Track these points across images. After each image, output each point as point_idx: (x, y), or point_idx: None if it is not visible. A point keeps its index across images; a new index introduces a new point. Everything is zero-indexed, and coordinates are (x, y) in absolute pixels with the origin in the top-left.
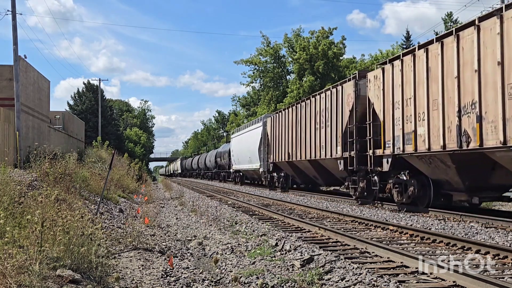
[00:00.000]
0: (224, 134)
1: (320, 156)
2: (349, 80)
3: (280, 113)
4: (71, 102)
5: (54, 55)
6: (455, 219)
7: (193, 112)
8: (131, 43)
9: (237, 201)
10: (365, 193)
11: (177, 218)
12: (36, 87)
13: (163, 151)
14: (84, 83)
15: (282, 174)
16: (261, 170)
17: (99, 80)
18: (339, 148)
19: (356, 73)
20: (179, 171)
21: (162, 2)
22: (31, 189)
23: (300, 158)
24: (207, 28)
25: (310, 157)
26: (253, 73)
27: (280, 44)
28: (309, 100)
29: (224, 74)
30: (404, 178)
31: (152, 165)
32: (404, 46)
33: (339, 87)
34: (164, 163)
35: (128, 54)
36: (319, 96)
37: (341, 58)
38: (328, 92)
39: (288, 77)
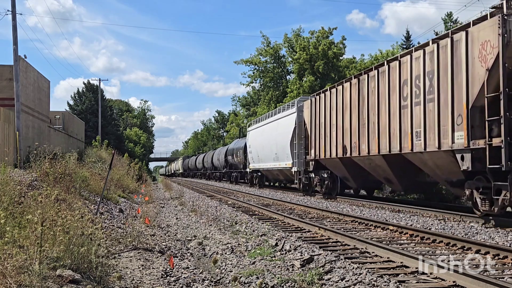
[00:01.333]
0: (224, 134)
1: (411, 148)
2: (483, 20)
3: (327, 93)
4: (71, 102)
5: (54, 55)
6: (455, 219)
7: (193, 112)
8: (131, 43)
9: (237, 201)
10: None
11: (177, 218)
12: (36, 87)
13: (163, 151)
14: (84, 83)
15: (326, 175)
16: (293, 169)
17: (99, 80)
18: (460, 134)
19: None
20: (181, 171)
21: (161, 1)
22: (31, 189)
23: (368, 152)
24: (206, 27)
25: (389, 150)
26: (253, 73)
27: (280, 44)
28: (384, 67)
29: (223, 74)
30: None
31: (152, 165)
32: (404, 46)
33: (459, 34)
34: (164, 163)
35: (128, 54)
36: (408, 57)
37: (341, 58)
38: (431, 48)
39: (288, 77)
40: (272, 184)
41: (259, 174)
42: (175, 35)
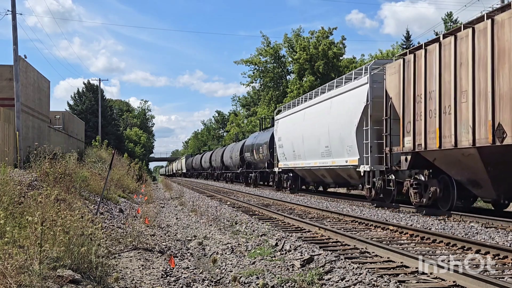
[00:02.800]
0: (224, 134)
1: None
2: None
3: (442, 44)
4: (71, 102)
5: (54, 55)
6: (455, 219)
7: (193, 112)
8: (130, 43)
9: (237, 201)
10: None
11: (177, 218)
12: (36, 87)
13: (163, 151)
14: (84, 83)
15: (432, 177)
16: (362, 168)
17: (99, 80)
18: None
19: None
20: (184, 170)
21: (160, 1)
22: (31, 189)
23: None
24: (205, 27)
25: None
26: (253, 73)
27: (280, 44)
28: None
29: (223, 74)
30: None
31: (152, 165)
32: (404, 46)
33: None
34: (164, 163)
35: (127, 54)
36: None
37: (341, 58)
38: None
39: (288, 77)
40: (311, 188)
41: (292, 175)
42: (174, 35)
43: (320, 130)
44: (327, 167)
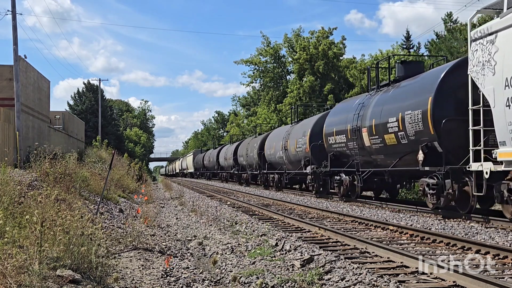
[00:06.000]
0: (224, 134)
1: None
2: None
3: None
4: (71, 102)
5: (53, 55)
6: (455, 219)
7: (193, 112)
8: (129, 43)
9: (237, 201)
10: None
11: (177, 218)
12: (36, 87)
13: (163, 151)
14: (84, 83)
15: None
16: None
17: (99, 80)
18: None
19: None
20: (191, 170)
21: (159, 1)
22: (31, 189)
23: None
24: (204, 27)
25: None
26: (253, 73)
27: (280, 44)
28: None
29: (222, 74)
30: None
31: (152, 165)
32: (404, 46)
33: None
34: (164, 163)
35: (127, 54)
36: None
37: (341, 58)
38: None
39: (288, 77)
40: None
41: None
42: (174, 35)
43: None
44: None
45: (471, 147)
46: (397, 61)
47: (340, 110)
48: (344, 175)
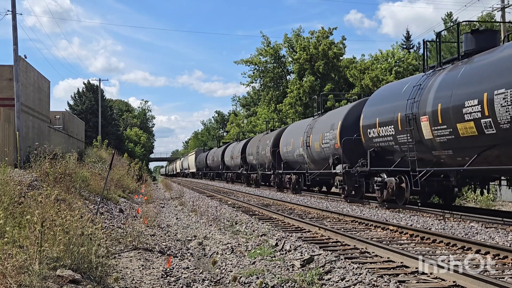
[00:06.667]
0: (224, 134)
1: None
2: None
3: None
4: (71, 102)
5: (53, 55)
6: (455, 219)
7: (192, 112)
8: (129, 43)
9: (237, 201)
10: None
11: (177, 218)
12: (36, 87)
13: (163, 151)
14: (84, 83)
15: None
16: None
17: (99, 80)
18: None
19: None
20: (192, 170)
21: (158, 1)
22: (31, 189)
23: None
24: (203, 27)
25: None
26: (253, 73)
27: (280, 44)
28: None
29: (222, 74)
30: None
31: (152, 165)
32: (404, 46)
33: None
34: (164, 163)
35: (126, 54)
36: None
37: (341, 58)
38: None
39: (288, 77)
40: None
41: None
42: (173, 34)
43: None
44: None
45: None
46: (466, 33)
47: (383, 97)
48: (386, 176)
